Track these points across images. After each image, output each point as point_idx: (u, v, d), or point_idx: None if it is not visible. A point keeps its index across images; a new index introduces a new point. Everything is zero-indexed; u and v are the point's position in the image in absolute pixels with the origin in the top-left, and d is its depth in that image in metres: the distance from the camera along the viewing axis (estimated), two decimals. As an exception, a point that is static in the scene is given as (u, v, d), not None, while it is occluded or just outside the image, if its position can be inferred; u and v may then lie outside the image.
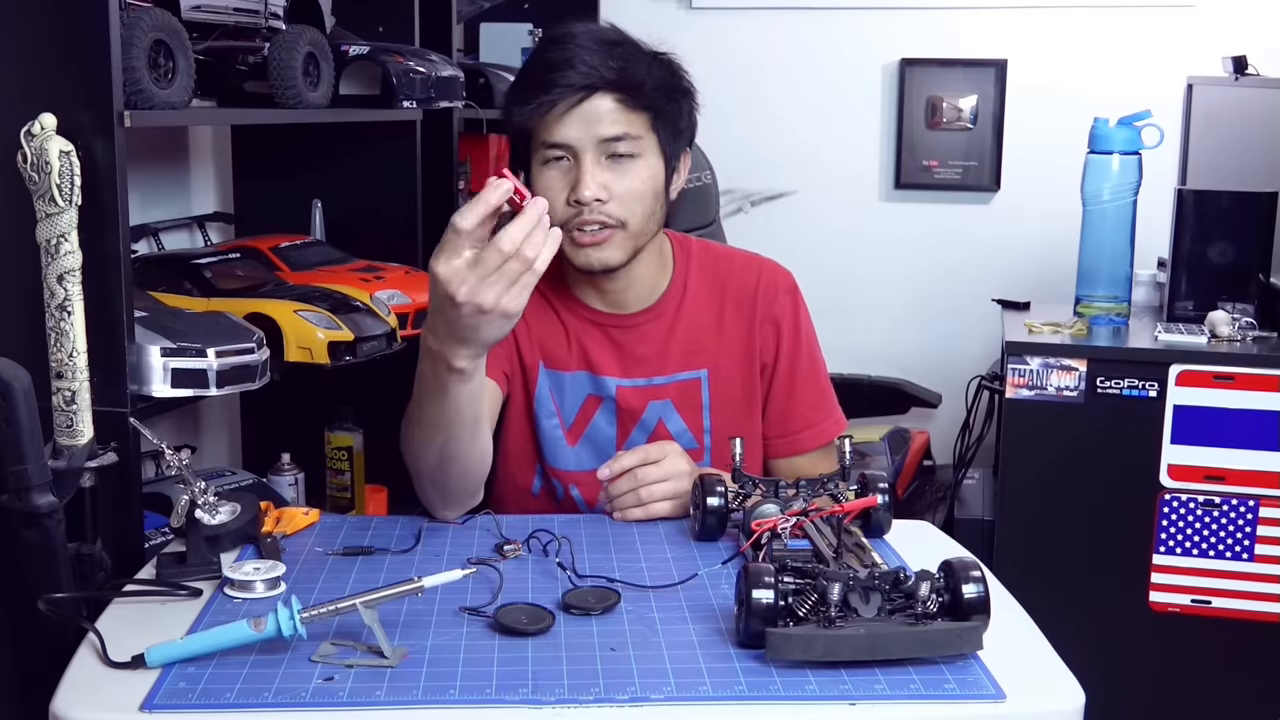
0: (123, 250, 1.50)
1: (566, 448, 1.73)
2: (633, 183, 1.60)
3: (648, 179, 1.62)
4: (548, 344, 1.73)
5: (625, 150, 1.59)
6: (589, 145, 1.58)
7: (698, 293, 1.75)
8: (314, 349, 1.78)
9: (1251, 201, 2.55)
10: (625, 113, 1.59)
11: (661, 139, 1.63)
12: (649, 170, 1.62)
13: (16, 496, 1.31)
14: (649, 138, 1.62)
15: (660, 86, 1.62)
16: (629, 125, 1.59)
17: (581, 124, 1.58)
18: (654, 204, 1.63)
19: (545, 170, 1.61)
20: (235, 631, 1.14)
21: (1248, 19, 3.13)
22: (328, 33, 2.07)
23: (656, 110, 1.62)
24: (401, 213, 2.26)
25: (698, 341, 1.73)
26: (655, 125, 1.62)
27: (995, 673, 1.11)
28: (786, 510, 1.37)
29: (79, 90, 1.47)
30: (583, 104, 1.57)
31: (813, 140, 3.44)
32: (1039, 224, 3.24)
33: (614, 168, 1.60)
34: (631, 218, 1.61)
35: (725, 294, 1.75)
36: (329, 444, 2.19)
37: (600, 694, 1.08)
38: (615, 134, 1.58)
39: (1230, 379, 2.38)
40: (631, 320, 1.72)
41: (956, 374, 3.07)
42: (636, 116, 1.60)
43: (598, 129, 1.58)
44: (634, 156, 1.60)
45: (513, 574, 1.36)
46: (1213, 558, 2.43)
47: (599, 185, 1.58)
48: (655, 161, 1.63)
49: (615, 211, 1.60)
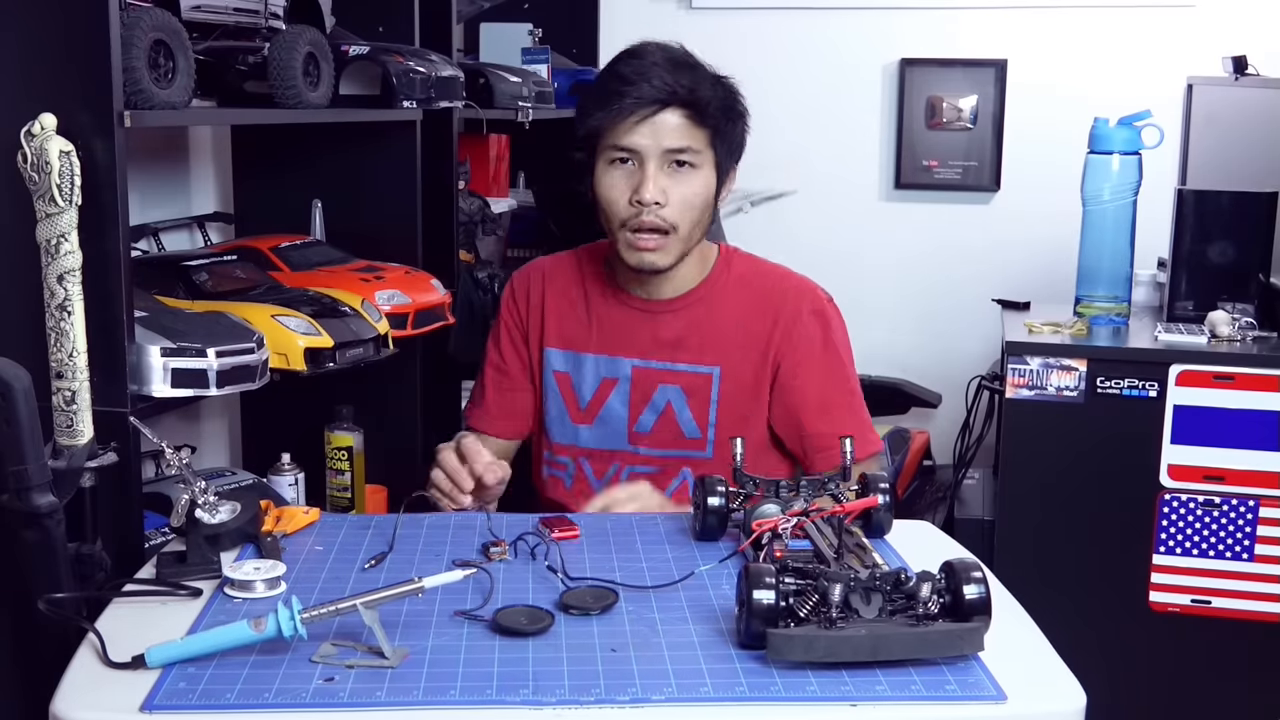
0: (123, 250, 1.50)
1: (579, 426, 1.88)
2: (688, 191, 1.76)
3: (702, 189, 1.77)
4: (566, 327, 1.88)
5: (686, 160, 1.75)
6: (654, 153, 1.74)
7: (726, 297, 1.86)
8: (290, 355, 1.78)
9: (1251, 201, 2.55)
10: (690, 128, 1.75)
11: (718, 154, 1.78)
12: (704, 181, 1.78)
13: (16, 496, 1.31)
14: (707, 152, 1.77)
15: (722, 107, 1.77)
16: (692, 139, 1.75)
17: (650, 133, 1.74)
18: (703, 213, 1.79)
19: (610, 169, 1.77)
20: (235, 632, 1.14)
21: (1248, 19, 3.13)
22: (328, 33, 2.07)
23: (717, 128, 1.77)
24: (401, 213, 2.26)
25: (716, 339, 1.84)
26: (714, 141, 1.77)
27: (996, 673, 1.11)
28: (787, 510, 1.37)
29: (79, 90, 1.47)
30: (654, 116, 1.73)
31: (813, 140, 3.44)
32: (1039, 224, 3.24)
33: (674, 175, 1.76)
34: (683, 223, 1.76)
35: (752, 303, 1.85)
36: (329, 444, 2.19)
37: (601, 695, 1.07)
38: (680, 145, 1.75)
39: (1230, 379, 2.38)
40: (659, 306, 1.86)
41: (956, 374, 3.07)
42: (699, 132, 1.76)
43: (664, 140, 1.74)
44: (694, 167, 1.76)
45: (512, 574, 1.36)
46: (1213, 558, 2.43)
47: (659, 189, 1.74)
48: (710, 174, 1.78)
49: (670, 215, 1.75)
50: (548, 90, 2.88)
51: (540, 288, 1.93)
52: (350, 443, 2.19)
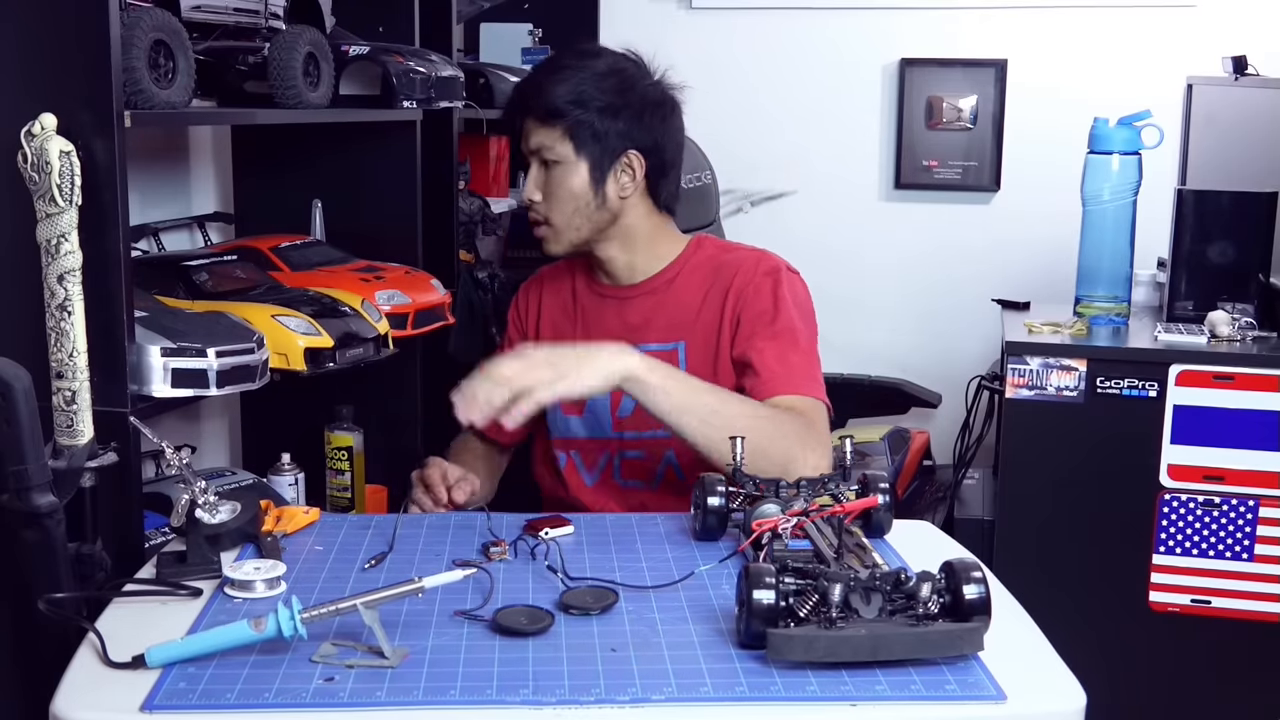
0: (123, 250, 1.50)
1: (570, 417, 1.93)
2: (555, 187, 1.87)
3: (568, 182, 1.86)
4: (558, 322, 1.99)
5: (549, 158, 1.87)
6: (529, 156, 1.90)
7: (690, 276, 1.92)
8: (290, 355, 1.77)
9: (1251, 201, 2.55)
10: (544, 129, 1.86)
11: (582, 146, 1.86)
12: (570, 174, 1.86)
13: (16, 496, 1.31)
14: (566, 146, 1.85)
15: (576, 101, 1.85)
16: (545, 138, 1.86)
17: (523, 140, 1.90)
18: (581, 203, 1.87)
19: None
20: (235, 632, 1.14)
21: (1248, 19, 3.13)
22: (328, 33, 2.07)
23: (575, 123, 1.85)
24: (401, 213, 2.26)
25: (680, 316, 1.90)
26: (572, 135, 1.85)
27: (996, 673, 1.11)
28: (787, 510, 1.37)
29: (79, 90, 1.46)
30: (521, 125, 1.90)
31: (812, 140, 3.44)
32: (1039, 224, 3.24)
33: (547, 174, 1.88)
34: (555, 214, 1.88)
35: (714, 278, 1.91)
36: (329, 444, 2.18)
37: (601, 695, 1.08)
38: (533, 147, 1.88)
39: (1230, 379, 2.38)
40: (626, 291, 1.95)
41: (956, 374, 3.07)
42: (550, 130, 1.86)
43: (526, 144, 1.90)
44: (558, 163, 1.86)
45: (512, 574, 1.36)
46: (1212, 558, 2.43)
47: (534, 188, 1.89)
48: (579, 166, 1.86)
49: (543, 210, 1.89)
50: (548, 90, 2.87)
51: (538, 294, 2.03)
52: (350, 443, 2.19)
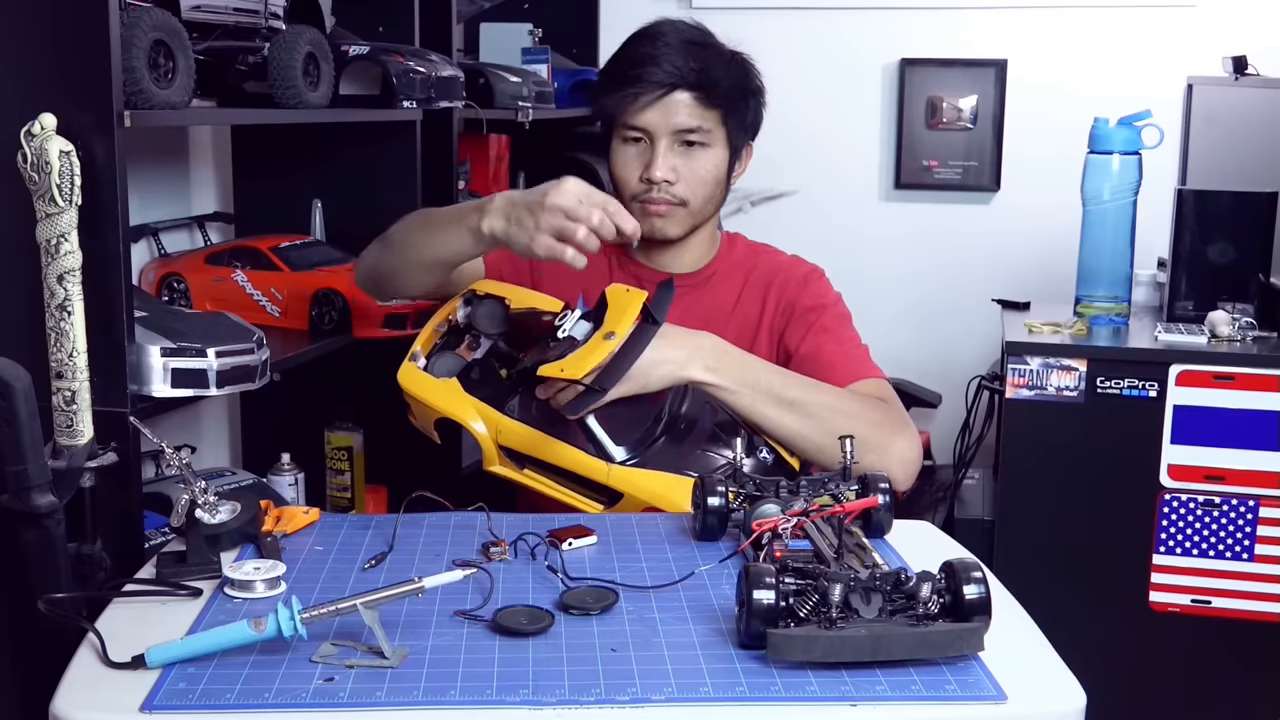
0: (123, 250, 1.50)
1: None
2: (699, 169, 1.81)
3: (712, 167, 1.82)
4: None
5: (696, 140, 1.79)
6: (664, 133, 1.78)
7: (726, 276, 1.91)
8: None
9: (1251, 201, 2.55)
10: (700, 108, 1.78)
11: (730, 132, 1.82)
12: (714, 159, 1.82)
13: (16, 496, 1.31)
14: (719, 131, 1.81)
15: (733, 86, 1.81)
16: (702, 119, 1.79)
17: (660, 114, 1.77)
18: (715, 189, 1.84)
19: (624, 147, 1.82)
20: (235, 632, 1.13)
21: (1248, 19, 3.13)
22: (328, 33, 2.07)
23: (728, 107, 1.81)
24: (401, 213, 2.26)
25: (715, 315, 1.86)
26: (725, 120, 1.81)
27: (996, 673, 1.11)
28: (787, 510, 1.37)
29: (79, 90, 1.47)
30: (663, 98, 1.76)
31: (813, 140, 3.44)
32: (1039, 224, 3.24)
33: (684, 154, 1.80)
34: (693, 199, 1.82)
35: (748, 280, 1.90)
36: (329, 444, 2.19)
37: (601, 695, 1.07)
38: (689, 126, 1.78)
39: (1230, 379, 2.38)
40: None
41: (956, 374, 3.07)
42: (710, 112, 1.79)
43: (674, 120, 1.78)
44: (704, 146, 1.80)
45: (512, 574, 1.36)
46: (1213, 558, 2.43)
47: (669, 168, 1.79)
48: (721, 151, 1.83)
49: (680, 192, 1.81)
50: (548, 90, 2.88)
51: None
52: (350, 443, 2.19)
